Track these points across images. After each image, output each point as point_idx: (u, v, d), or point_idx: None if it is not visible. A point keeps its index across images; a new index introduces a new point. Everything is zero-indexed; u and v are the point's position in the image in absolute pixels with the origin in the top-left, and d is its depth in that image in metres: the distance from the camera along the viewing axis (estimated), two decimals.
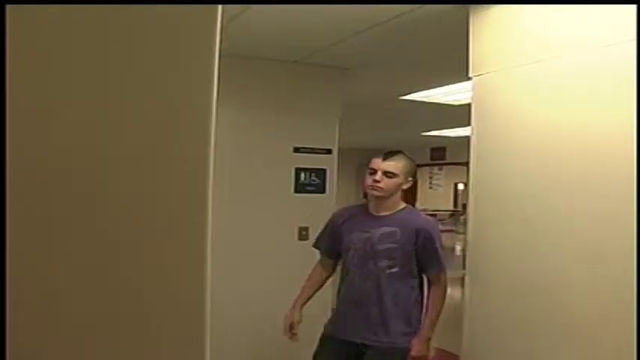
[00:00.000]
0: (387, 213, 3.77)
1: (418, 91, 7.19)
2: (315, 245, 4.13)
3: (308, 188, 5.87)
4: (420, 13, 4.09)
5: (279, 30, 4.76)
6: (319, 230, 4.13)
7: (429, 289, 3.82)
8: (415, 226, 3.72)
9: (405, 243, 3.68)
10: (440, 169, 23.13)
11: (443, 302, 3.80)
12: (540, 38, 3.24)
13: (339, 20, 4.45)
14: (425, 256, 3.73)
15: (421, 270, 3.77)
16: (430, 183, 24.35)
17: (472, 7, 3.69)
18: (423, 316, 3.82)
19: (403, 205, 3.86)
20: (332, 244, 3.99)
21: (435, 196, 25.82)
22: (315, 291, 4.06)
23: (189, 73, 1.21)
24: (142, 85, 1.19)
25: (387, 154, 3.76)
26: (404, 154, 3.83)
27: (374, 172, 3.72)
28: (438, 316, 3.79)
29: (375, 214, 3.80)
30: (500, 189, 3.46)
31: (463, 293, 3.77)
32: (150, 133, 1.19)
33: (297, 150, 5.81)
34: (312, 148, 5.87)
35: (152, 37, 1.20)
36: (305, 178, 5.86)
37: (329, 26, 4.63)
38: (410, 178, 3.81)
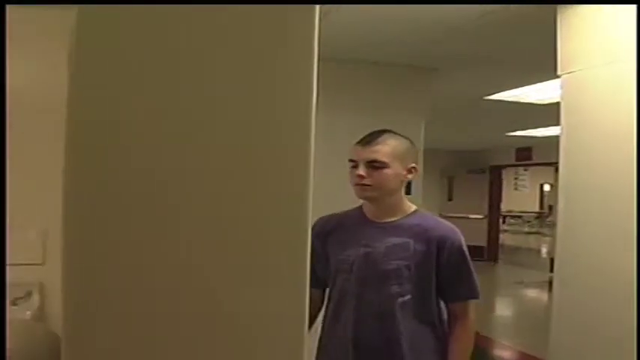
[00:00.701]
0: (393, 219, 2.73)
1: (503, 90, 7.11)
2: None
3: None
4: (505, 12, 4.06)
5: (364, 31, 4.79)
6: None
7: (450, 324, 2.75)
8: (436, 236, 2.66)
9: (422, 259, 2.64)
10: (525, 170, 22.75)
11: (472, 343, 2.75)
12: (631, 35, 3.16)
13: (425, 20, 4.45)
14: (451, 277, 2.68)
15: (443, 296, 2.73)
16: (515, 184, 23.96)
17: (560, 5, 3.65)
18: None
19: (413, 206, 2.80)
20: (316, 268, 2.38)
21: (520, 197, 25.44)
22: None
23: (289, 73, 1.23)
24: (243, 85, 1.21)
25: (369, 137, 2.70)
26: (393, 132, 2.75)
27: (355, 164, 2.68)
28: None
29: (375, 221, 2.76)
30: (591, 189, 3.39)
31: (550, 296, 3.70)
32: (251, 135, 1.21)
33: None
34: None
35: (253, 38, 1.21)
36: None
37: (414, 27, 4.63)
38: (412, 165, 2.73)
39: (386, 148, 2.65)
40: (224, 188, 1.19)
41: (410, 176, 2.73)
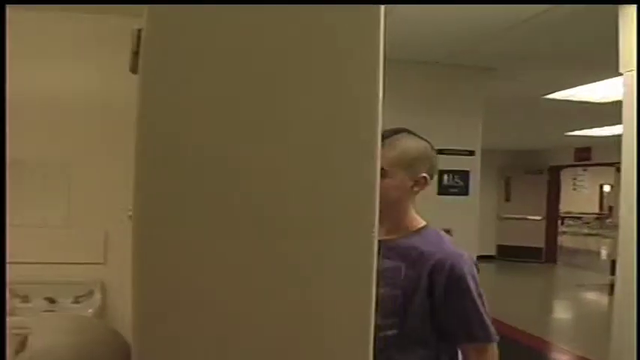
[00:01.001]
0: (391, 237, 2.16)
1: (562, 89, 7.01)
2: None
3: (451, 190, 5.84)
4: (563, 10, 4.04)
5: (421, 31, 4.78)
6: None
7: None
8: (431, 260, 2.09)
9: (413, 288, 2.09)
10: (584, 170, 22.37)
11: None
12: None
13: (482, 19, 4.42)
14: (451, 314, 2.09)
15: (448, 337, 2.14)
16: (574, 185, 23.59)
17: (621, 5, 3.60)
18: None
19: (421, 223, 2.24)
20: None
21: (579, 198, 25.02)
22: None
23: (356, 73, 1.23)
24: (311, 86, 1.22)
25: None
26: (409, 132, 2.26)
27: None
28: None
29: None
30: None
31: (611, 299, 3.63)
32: (316, 137, 1.21)
33: (440, 152, 5.77)
34: (455, 150, 5.83)
35: (320, 38, 1.22)
36: (448, 180, 5.84)
37: (472, 26, 4.62)
38: (422, 175, 2.19)
39: (390, 153, 2.09)
40: (294, 188, 1.20)
41: (416, 188, 2.19)
